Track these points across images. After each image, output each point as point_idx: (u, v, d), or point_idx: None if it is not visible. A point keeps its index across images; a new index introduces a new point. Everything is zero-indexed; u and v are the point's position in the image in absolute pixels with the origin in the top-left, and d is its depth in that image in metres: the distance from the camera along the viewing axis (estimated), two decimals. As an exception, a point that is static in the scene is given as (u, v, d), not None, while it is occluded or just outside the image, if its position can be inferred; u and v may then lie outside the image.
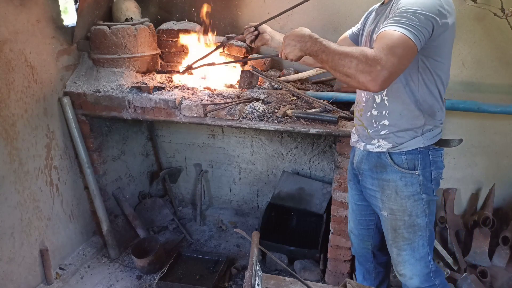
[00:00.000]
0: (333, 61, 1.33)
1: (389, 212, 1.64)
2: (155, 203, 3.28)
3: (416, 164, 1.55)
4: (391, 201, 1.61)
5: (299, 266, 2.63)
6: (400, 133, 1.54)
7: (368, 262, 2.01)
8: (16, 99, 2.18)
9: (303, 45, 1.43)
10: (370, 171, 1.66)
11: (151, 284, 2.58)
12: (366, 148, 1.65)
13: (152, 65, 2.71)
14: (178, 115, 2.32)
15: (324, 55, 1.36)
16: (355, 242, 1.99)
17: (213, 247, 2.98)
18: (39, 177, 2.39)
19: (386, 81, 1.24)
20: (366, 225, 1.89)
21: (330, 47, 1.35)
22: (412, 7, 1.28)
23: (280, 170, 3.11)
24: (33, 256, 2.39)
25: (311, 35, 1.43)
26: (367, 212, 1.85)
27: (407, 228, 1.62)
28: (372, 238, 1.92)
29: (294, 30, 1.48)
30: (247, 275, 1.11)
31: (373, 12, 1.66)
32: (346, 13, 2.49)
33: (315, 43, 1.39)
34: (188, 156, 3.35)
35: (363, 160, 1.68)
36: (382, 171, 1.61)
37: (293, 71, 2.65)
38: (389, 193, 1.61)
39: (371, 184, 1.68)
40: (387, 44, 1.24)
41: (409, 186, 1.57)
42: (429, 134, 1.53)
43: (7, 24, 2.07)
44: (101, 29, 2.47)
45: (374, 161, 1.63)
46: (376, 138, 1.60)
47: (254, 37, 1.98)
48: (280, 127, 2.11)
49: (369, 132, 1.62)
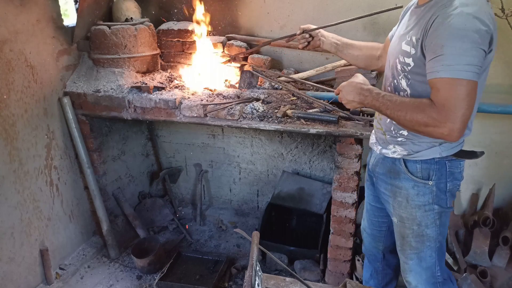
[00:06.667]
0: (399, 119, 1.34)
1: (398, 219, 1.62)
2: (155, 203, 3.28)
3: (430, 174, 1.50)
4: (401, 208, 1.59)
5: (299, 266, 2.62)
6: (418, 141, 1.49)
7: (377, 262, 1.99)
8: (16, 99, 2.18)
9: (362, 99, 1.42)
10: (384, 176, 1.64)
11: (151, 284, 2.58)
12: (382, 152, 1.62)
13: (152, 65, 2.71)
14: (178, 115, 2.32)
15: (389, 111, 1.36)
16: (367, 240, 1.98)
17: (213, 247, 2.98)
18: (39, 177, 2.39)
19: (461, 131, 1.22)
20: (379, 226, 1.88)
21: (393, 103, 1.34)
22: (458, 41, 1.19)
23: (280, 170, 3.11)
24: (33, 256, 2.39)
25: (371, 90, 1.41)
26: (380, 214, 1.84)
27: (415, 237, 1.59)
28: (384, 240, 1.90)
29: (353, 81, 1.47)
30: (247, 275, 1.11)
31: (408, 11, 1.54)
32: (346, 13, 2.49)
33: (376, 99, 1.39)
34: (188, 156, 3.35)
35: (378, 164, 1.66)
36: (396, 177, 1.58)
37: (293, 71, 2.66)
38: (400, 200, 1.58)
39: (384, 188, 1.66)
40: (448, 98, 1.21)
41: (420, 196, 1.53)
42: (448, 145, 1.47)
43: (7, 24, 2.07)
44: (101, 29, 2.47)
45: (389, 166, 1.60)
46: (392, 144, 1.56)
47: (307, 43, 1.93)
48: (280, 127, 2.10)
49: (387, 136, 1.58)
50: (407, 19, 1.49)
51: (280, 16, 2.65)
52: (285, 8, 2.61)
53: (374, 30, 2.48)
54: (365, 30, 2.49)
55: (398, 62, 1.44)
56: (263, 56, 2.64)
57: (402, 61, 1.41)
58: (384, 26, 2.44)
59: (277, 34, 2.69)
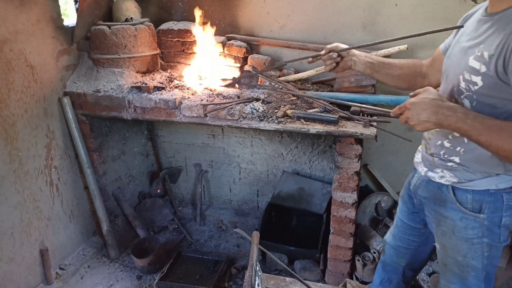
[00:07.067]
0: (497, 148, 1.12)
1: (441, 247, 1.47)
2: (155, 203, 3.28)
3: (483, 207, 1.31)
4: (445, 238, 1.42)
5: (299, 266, 2.63)
6: (472, 169, 1.30)
7: (395, 275, 1.86)
8: (16, 99, 2.18)
9: (441, 119, 1.16)
10: (427, 200, 1.47)
11: (151, 284, 2.58)
12: (427, 175, 1.44)
13: (152, 65, 2.71)
14: (178, 115, 2.32)
15: (483, 138, 1.12)
16: (389, 253, 1.83)
17: (213, 247, 2.98)
18: (39, 177, 2.39)
19: None
20: (407, 244, 1.73)
21: (488, 128, 1.11)
22: None
23: (280, 170, 3.11)
24: (33, 256, 2.39)
25: (454, 108, 1.16)
26: (412, 233, 1.69)
27: (459, 266, 1.43)
28: (408, 258, 1.76)
29: (426, 97, 1.20)
30: (247, 275, 1.11)
31: (470, 18, 1.33)
32: (346, 13, 2.50)
33: (462, 120, 1.13)
34: (188, 156, 3.35)
35: (421, 186, 1.49)
36: (441, 205, 1.40)
37: (293, 71, 2.66)
38: (445, 230, 1.41)
39: (428, 212, 1.50)
40: None
41: (469, 229, 1.35)
42: (507, 177, 1.28)
43: (7, 24, 2.07)
44: (101, 29, 2.47)
45: (434, 191, 1.42)
46: (441, 168, 1.38)
47: (335, 64, 1.67)
48: (280, 127, 2.10)
49: (435, 159, 1.40)
50: (472, 28, 1.26)
51: (280, 16, 2.65)
52: (285, 8, 2.61)
53: (374, 30, 2.48)
54: (365, 30, 2.49)
55: (462, 80, 1.23)
56: (263, 56, 2.64)
57: (467, 79, 1.21)
58: (384, 26, 2.45)
59: (277, 34, 2.69)
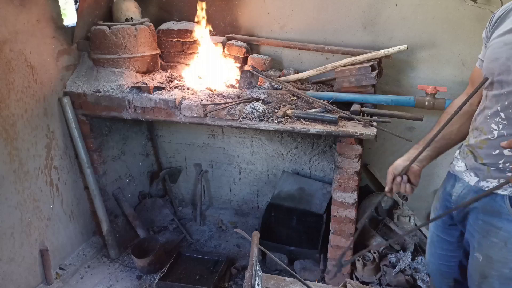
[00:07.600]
0: None
1: (485, 257, 1.36)
2: (155, 203, 3.28)
3: None
4: (494, 249, 1.33)
5: (299, 266, 2.63)
6: None
7: None
8: (16, 99, 2.18)
9: None
10: (474, 210, 1.39)
11: (151, 284, 2.58)
12: (480, 185, 1.35)
13: (152, 65, 2.71)
14: (178, 115, 2.31)
15: None
16: (435, 277, 1.72)
17: (213, 247, 2.98)
18: (39, 177, 2.39)
19: None
20: (447, 261, 1.62)
21: None
22: None
23: (280, 170, 3.11)
24: (33, 256, 2.39)
25: None
26: (449, 248, 1.59)
27: (502, 279, 1.34)
28: (454, 275, 1.64)
29: None
30: (247, 275, 1.11)
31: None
32: (346, 13, 2.49)
33: None
34: (188, 156, 3.35)
35: (469, 196, 1.39)
36: (493, 215, 1.32)
37: (293, 71, 2.66)
38: (495, 242, 1.32)
39: (473, 221, 1.41)
40: None
41: None
42: None
43: (7, 24, 2.07)
44: (101, 29, 2.47)
45: (485, 201, 1.33)
46: (497, 178, 1.30)
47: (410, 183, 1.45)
48: (280, 127, 2.10)
49: (490, 169, 1.31)
50: None
51: (280, 16, 2.65)
52: (285, 8, 2.61)
53: (374, 30, 2.47)
54: (365, 30, 2.49)
55: None
56: (263, 56, 2.64)
57: None
58: (384, 26, 2.44)
59: (277, 34, 2.69)
